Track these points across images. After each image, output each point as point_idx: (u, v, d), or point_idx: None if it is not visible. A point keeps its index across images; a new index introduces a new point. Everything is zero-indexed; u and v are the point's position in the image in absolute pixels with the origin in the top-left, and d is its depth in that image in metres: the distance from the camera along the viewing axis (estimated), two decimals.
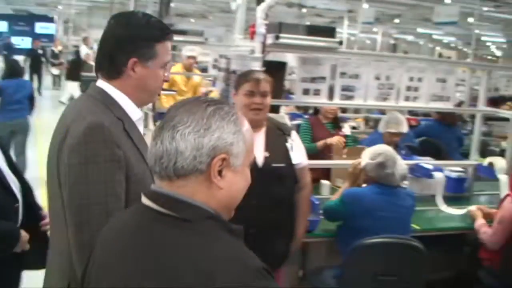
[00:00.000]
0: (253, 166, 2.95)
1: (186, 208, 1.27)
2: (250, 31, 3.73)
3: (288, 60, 5.19)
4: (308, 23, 22.51)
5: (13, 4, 27.68)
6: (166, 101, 6.76)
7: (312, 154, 5.28)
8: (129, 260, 1.26)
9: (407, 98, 4.48)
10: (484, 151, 5.08)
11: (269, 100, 3.17)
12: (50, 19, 30.69)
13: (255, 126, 3.17)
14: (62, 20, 24.31)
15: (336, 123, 5.51)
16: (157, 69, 1.90)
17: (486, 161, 4.80)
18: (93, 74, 1.97)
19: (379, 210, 3.47)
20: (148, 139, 1.45)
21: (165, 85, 6.26)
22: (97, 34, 18.04)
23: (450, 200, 4.81)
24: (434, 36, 26.26)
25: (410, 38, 27.97)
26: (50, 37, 27.52)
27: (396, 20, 19.91)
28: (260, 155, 3.07)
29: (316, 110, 5.58)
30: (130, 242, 1.29)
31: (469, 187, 5.10)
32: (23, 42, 29.46)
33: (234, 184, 1.34)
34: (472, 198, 5.06)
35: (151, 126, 5.76)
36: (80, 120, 1.75)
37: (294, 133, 3.30)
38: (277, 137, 3.21)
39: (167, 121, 1.29)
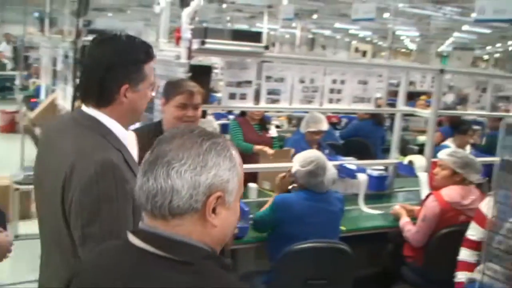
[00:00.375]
0: None
1: (185, 250, 1.22)
2: (175, 36, 3.65)
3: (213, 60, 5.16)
4: (228, 18, 22.59)
5: None
6: None
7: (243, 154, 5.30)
8: None
9: (330, 100, 4.56)
10: (404, 149, 5.25)
11: (200, 112, 3.13)
12: None
13: None
14: None
15: (263, 125, 5.54)
16: (146, 90, 1.88)
17: (406, 160, 4.97)
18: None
19: (309, 216, 3.50)
20: None
21: None
22: (12, 30, 17.28)
23: (373, 198, 4.96)
24: (351, 31, 26.93)
25: (327, 32, 28.53)
26: None
27: (314, 16, 20.20)
28: None
29: (243, 112, 5.59)
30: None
31: (390, 185, 5.27)
32: None
33: (227, 220, 1.30)
34: (393, 195, 5.24)
35: None
36: (87, 158, 1.70)
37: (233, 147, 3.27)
38: None
39: (160, 156, 1.24)
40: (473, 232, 3.35)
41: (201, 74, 4.04)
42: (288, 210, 3.50)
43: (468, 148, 5.75)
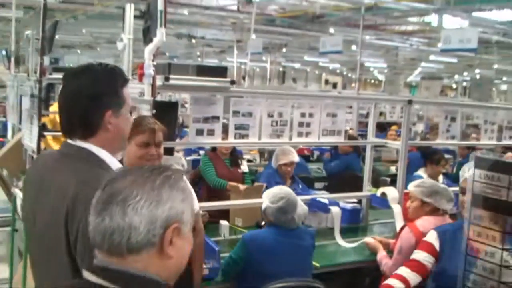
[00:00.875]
0: None
1: (141, 283, 1.25)
2: (138, 73, 3.56)
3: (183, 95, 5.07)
4: (198, 53, 22.65)
5: None
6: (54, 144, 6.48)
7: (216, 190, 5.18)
8: None
9: (300, 134, 4.50)
10: (377, 181, 5.19)
11: (162, 149, 3.03)
12: None
13: None
14: None
15: (234, 159, 5.45)
16: (127, 114, 1.90)
17: (378, 192, 4.90)
18: None
19: (280, 253, 3.40)
20: None
21: (49, 125, 5.82)
22: None
23: (347, 231, 4.87)
24: (320, 63, 27.23)
25: (297, 65, 28.81)
26: None
27: (284, 49, 20.38)
28: None
29: (214, 147, 5.50)
30: None
31: (364, 218, 5.20)
32: None
33: (182, 250, 1.34)
34: (368, 228, 5.16)
35: None
36: (89, 187, 1.60)
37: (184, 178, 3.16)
38: None
39: (114, 195, 1.26)
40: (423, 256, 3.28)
41: (167, 110, 3.95)
42: (258, 247, 3.39)
43: (440, 178, 5.71)
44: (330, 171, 7.55)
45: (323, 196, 4.73)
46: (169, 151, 4.18)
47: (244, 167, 5.48)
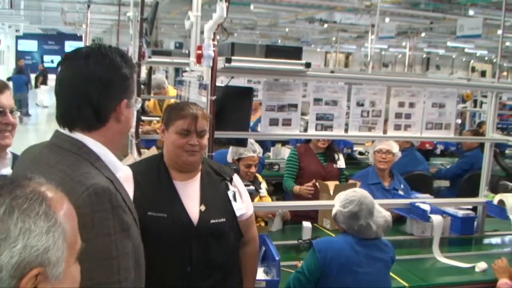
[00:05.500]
0: (186, 225, 2.39)
1: None
2: (196, 54, 3.13)
3: None
4: (334, 38, 21.97)
5: (41, 24, 27.89)
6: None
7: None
8: None
9: (397, 127, 3.84)
10: (496, 186, 4.35)
11: (206, 140, 2.59)
12: (79, 38, 30.91)
13: (188, 170, 2.56)
14: (91, 38, 24.17)
15: (330, 154, 4.87)
16: (135, 105, 1.69)
17: (496, 199, 4.08)
18: None
19: (358, 266, 2.83)
20: None
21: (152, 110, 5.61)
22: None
23: (456, 244, 4.19)
24: (466, 50, 25.25)
25: (441, 52, 27.01)
26: None
27: (422, 34, 19.06)
28: (194, 209, 2.45)
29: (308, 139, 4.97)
30: None
31: (479, 228, 4.40)
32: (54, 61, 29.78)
33: None
34: (483, 240, 4.38)
35: (135, 155, 5.25)
36: (75, 184, 1.44)
37: (236, 177, 2.67)
38: (215, 184, 2.58)
39: None
40: None
41: (239, 97, 3.51)
42: (334, 256, 2.83)
43: None
44: (454, 172, 6.66)
45: (424, 201, 4.00)
46: (242, 143, 3.75)
47: (341, 163, 4.87)
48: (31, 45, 33.46)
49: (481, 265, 3.60)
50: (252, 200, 3.97)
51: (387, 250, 2.99)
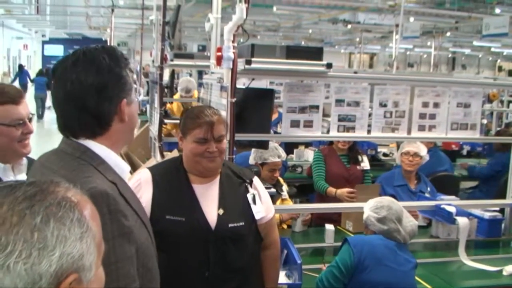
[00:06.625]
0: (204, 229, 2.37)
1: None
2: (216, 56, 3.12)
3: None
4: (357, 39, 21.84)
5: (66, 29, 28.27)
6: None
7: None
8: None
9: (421, 128, 3.77)
10: None
11: (225, 144, 2.56)
12: (104, 42, 31.25)
13: (209, 175, 2.50)
14: (116, 42, 24.38)
15: (353, 155, 4.81)
16: (136, 98, 1.65)
17: None
18: None
19: (392, 261, 2.87)
20: None
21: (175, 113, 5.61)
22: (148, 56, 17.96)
23: (483, 246, 4.09)
24: (493, 49, 24.89)
25: (467, 51, 26.66)
26: None
27: (448, 34, 18.83)
28: (213, 213, 2.43)
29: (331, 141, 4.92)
30: None
31: (507, 230, 4.30)
32: None
33: None
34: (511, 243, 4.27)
35: (158, 157, 5.26)
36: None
37: (256, 180, 2.64)
38: (235, 187, 2.55)
39: None
40: None
41: (260, 99, 3.49)
42: (369, 251, 2.86)
43: None
44: (481, 170, 6.54)
45: (450, 203, 3.92)
46: (263, 145, 3.72)
47: (365, 164, 4.81)
48: (57, 50, 33.84)
49: (509, 269, 3.51)
50: (274, 203, 3.96)
51: (412, 256, 3.01)
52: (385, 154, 7.10)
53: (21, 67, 22.42)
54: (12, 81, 21.21)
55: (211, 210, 2.43)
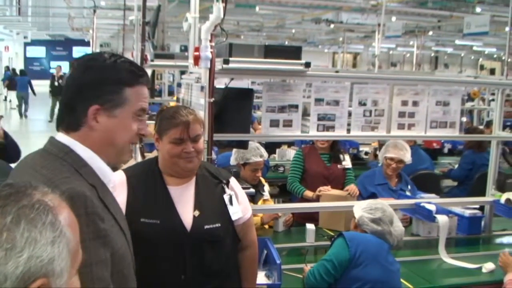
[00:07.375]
0: (180, 231, 2.33)
1: None
2: (193, 56, 3.09)
3: None
4: (341, 39, 21.90)
5: (48, 30, 28.03)
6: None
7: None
8: None
9: (401, 126, 3.78)
10: (503, 184, 4.28)
11: (202, 144, 2.53)
12: (87, 43, 31.02)
13: (187, 176, 2.46)
14: (98, 43, 24.21)
15: (334, 154, 4.80)
16: (128, 119, 1.59)
17: (503, 198, 4.01)
18: None
19: (384, 260, 2.91)
20: None
21: None
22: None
23: (464, 244, 4.13)
24: (475, 48, 25.09)
25: (449, 50, 26.86)
26: None
27: (430, 33, 18.96)
28: (188, 215, 2.38)
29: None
30: None
31: (487, 227, 4.32)
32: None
33: None
34: (491, 240, 4.30)
35: (139, 159, 5.22)
36: (53, 189, 1.31)
37: (233, 180, 2.61)
38: (211, 188, 2.50)
39: None
40: None
41: (240, 98, 3.46)
42: (365, 247, 2.88)
43: None
44: (455, 172, 6.58)
45: (429, 202, 3.94)
46: (243, 145, 3.70)
47: (347, 163, 4.80)
48: (39, 51, 33.65)
49: (489, 266, 3.53)
50: (256, 203, 3.94)
51: (396, 261, 3.05)
52: (367, 153, 7.11)
53: (22, 72, 21.34)
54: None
55: (187, 212, 2.39)
